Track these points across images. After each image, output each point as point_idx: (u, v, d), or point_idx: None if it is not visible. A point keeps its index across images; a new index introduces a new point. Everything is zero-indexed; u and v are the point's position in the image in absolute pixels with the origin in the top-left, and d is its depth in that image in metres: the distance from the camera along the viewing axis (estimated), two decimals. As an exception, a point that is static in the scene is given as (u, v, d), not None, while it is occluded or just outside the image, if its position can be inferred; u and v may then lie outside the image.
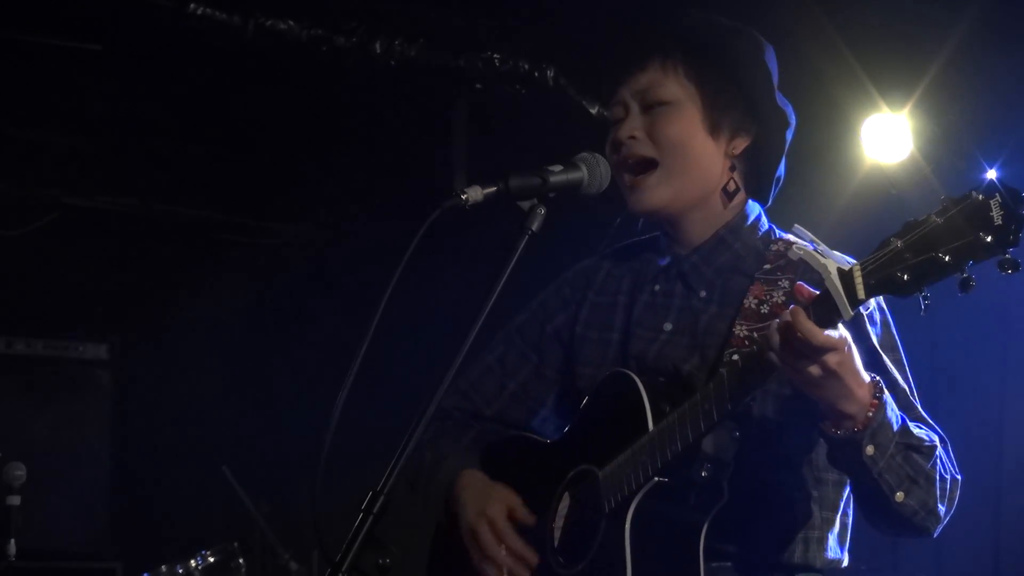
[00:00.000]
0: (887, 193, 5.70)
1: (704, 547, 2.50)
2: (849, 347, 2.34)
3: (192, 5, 5.21)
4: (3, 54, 5.66)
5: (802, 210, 3.03)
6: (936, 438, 2.57)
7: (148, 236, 7.37)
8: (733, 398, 2.43)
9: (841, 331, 2.31)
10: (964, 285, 2.14)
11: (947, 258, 2.13)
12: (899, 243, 2.18)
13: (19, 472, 5.21)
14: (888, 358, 2.65)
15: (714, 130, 2.76)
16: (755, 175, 2.82)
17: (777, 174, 2.84)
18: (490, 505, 2.78)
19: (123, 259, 7.36)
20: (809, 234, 2.32)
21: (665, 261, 2.84)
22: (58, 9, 5.38)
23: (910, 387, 2.67)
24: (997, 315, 5.76)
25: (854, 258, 2.28)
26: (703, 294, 2.75)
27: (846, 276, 2.23)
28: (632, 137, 2.77)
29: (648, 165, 2.76)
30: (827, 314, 2.27)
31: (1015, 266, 2.12)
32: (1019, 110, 5.36)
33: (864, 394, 2.39)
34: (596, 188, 2.61)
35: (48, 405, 6.77)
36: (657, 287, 2.82)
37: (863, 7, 5.07)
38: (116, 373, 6.97)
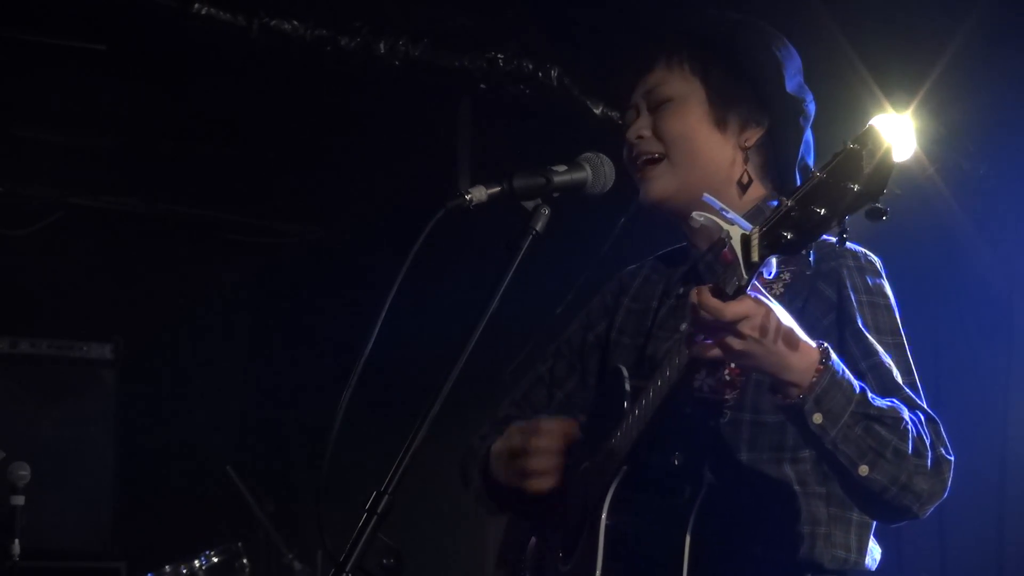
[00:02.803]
0: (891, 193, 5.69)
1: (695, 540, 2.47)
2: (768, 313, 2.28)
3: (196, 5, 5.21)
4: (8, 54, 5.66)
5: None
6: (908, 412, 2.47)
7: (152, 236, 7.38)
8: (672, 376, 2.42)
9: (760, 298, 2.28)
10: (840, 240, 2.13)
11: (823, 211, 2.10)
12: (789, 202, 2.15)
13: (23, 472, 5.20)
14: (880, 340, 2.60)
15: (720, 123, 2.77)
16: (774, 166, 2.82)
17: (803, 163, 2.82)
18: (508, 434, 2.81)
19: (127, 259, 7.37)
20: (717, 202, 2.30)
21: (688, 264, 2.86)
22: (63, 9, 5.38)
23: (905, 368, 2.60)
24: (1001, 313, 5.76)
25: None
26: None
27: (746, 240, 2.21)
28: (640, 137, 2.79)
29: (656, 161, 2.78)
30: (734, 280, 2.25)
31: (883, 213, 2.08)
32: (1023, 110, 5.36)
33: (805, 359, 2.33)
34: (600, 188, 2.61)
35: (52, 405, 6.78)
36: (680, 290, 2.84)
37: (867, 6, 5.06)
38: (120, 373, 6.98)
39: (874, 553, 2.69)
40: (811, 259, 2.23)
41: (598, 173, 2.60)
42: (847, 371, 2.40)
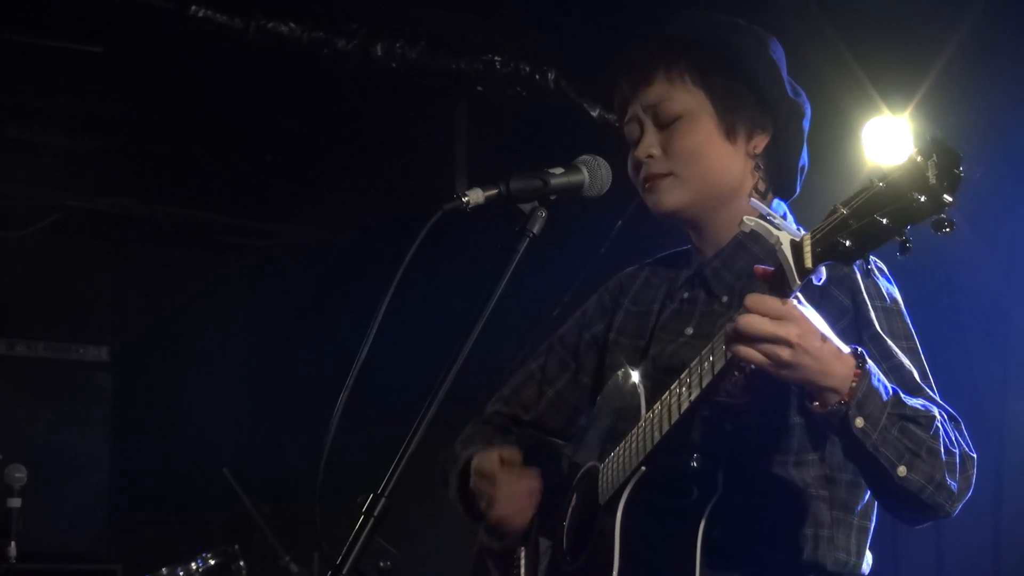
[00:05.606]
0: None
1: (705, 541, 2.47)
2: (811, 320, 2.30)
3: (193, 7, 5.21)
4: (5, 55, 5.66)
5: (802, 213, 3.02)
6: (937, 411, 2.51)
7: (149, 238, 7.39)
8: (704, 381, 2.40)
9: (798, 306, 2.28)
10: (902, 248, 2.12)
11: (885, 221, 2.09)
12: (844, 209, 2.14)
13: (20, 474, 5.21)
14: (897, 345, 2.61)
15: (730, 133, 2.74)
16: (777, 169, 2.81)
17: (801, 164, 2.82)
18: (486, 458, 2.83)
19: (124, 261, 7.37)
20: (765, 207, 2.30)
21: (692, 269, 2.84)
22: (59, 11, 5.38)
23: (922, 371, 2.62)
24: (998, 314, 5.75)
25: None
26: (724, 299, 2.74)
27: (797, 246, 2.21)
28: (650, 156, 2.76)
29: (665, 176, 2.76)
30: (780, 288, 2.25)
31: (950, 224, 2.08)
32: (1020, 113, 5.36)
33: (844, 365, 2.34)
34: (597, 191, 2.61)
35: (49, 407, 6.78)
36: (685, 295, 2.82)
37: (864, 9, 5.06)
38: (117, 375, 6.99)
39: (869, 560, 2.70)
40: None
41: (595, 176, 2.60)
42: (880, 374, 2.42)
